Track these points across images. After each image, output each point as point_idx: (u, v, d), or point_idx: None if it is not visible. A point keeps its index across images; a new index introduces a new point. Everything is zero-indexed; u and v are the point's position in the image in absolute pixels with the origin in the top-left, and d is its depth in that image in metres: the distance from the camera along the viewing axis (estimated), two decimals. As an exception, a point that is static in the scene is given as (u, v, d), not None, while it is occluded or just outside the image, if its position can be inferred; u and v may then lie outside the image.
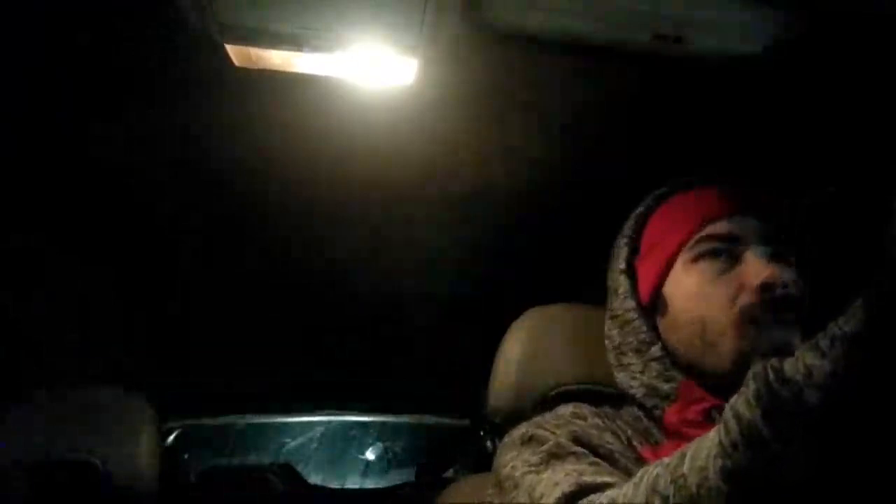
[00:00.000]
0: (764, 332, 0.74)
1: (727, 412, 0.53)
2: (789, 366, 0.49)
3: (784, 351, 0.64)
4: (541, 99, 0.95)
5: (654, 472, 0.59)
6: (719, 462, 0.52)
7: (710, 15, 0.74)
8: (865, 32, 0.75)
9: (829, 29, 0.75)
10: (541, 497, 0.68)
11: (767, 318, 0.75)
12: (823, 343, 0.47)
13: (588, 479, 0.67)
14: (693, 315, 0.79)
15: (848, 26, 0.75)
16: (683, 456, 0.57)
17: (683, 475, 0.55)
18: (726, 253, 0.79)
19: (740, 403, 0.52)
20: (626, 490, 0.61)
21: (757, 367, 0.51)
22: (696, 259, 0.80)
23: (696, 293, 0.79)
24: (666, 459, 0.59)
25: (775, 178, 0.98)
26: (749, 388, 0.51)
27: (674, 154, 1.07)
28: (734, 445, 0.51)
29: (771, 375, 0.50)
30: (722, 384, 0.74)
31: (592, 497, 0.64)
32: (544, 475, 0.71)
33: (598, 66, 0.87)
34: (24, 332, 1.34)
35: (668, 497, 0.55)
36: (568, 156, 1.10)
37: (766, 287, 0.75)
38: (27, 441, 1.04)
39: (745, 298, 0.76)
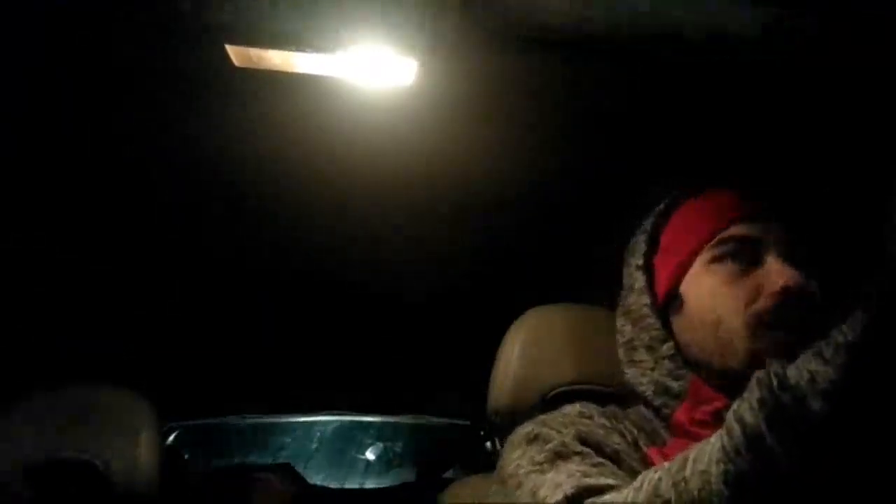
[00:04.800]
0: (777, 335, 0.74)
1: (730, 417, 0.53)
2: (793, 372, 0.50)
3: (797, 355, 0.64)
4: (541, 99, 0.95)
5: (656, 476, 0.59)
6: (721, 467, 0.52)
7: (711, 15, 0.74)
8: (869, 33, 0.75)
9: (835, 30, 0.75)
10: (544, 498, 0.68)
11: (782, 322, 0.74)
12: (827, 350, 0.48)
13: (591, 480, 0.67)
14: (708, 315, 0.78)
15: (852, 27, 0.75)
16: (685, 460, 0.57)
17: (685, 479, 0.55)
18: (747, 255, 0.79)
19: (744, 409, 0.52)
20: (627, 493, 0.61)
21: (760, 374, 0.52)
22: (715, 259, 0.80)
23: (712, 293, 0.79)
24: (667, 464, 0.60)
25: (774, 179, 0.98)
26: (752, 393, 0.51)
27: (674, 154, 1.07)
28: (737, 451, 0.51)
29: (774, 382, 0.50)
30: (733, 384, 0.74)
31: (594, 499, 0.64)
32: (548, 475, 0.71)
33: (598, 65, 0.87)
34: (24, 331, 1.35)
35: (669, 500, 0.56)
36: (568, 156, 1.10)
37: (785, 291, 0.74)
38: (27, 441, 1.04)
39: (763, 302, 0.75)
